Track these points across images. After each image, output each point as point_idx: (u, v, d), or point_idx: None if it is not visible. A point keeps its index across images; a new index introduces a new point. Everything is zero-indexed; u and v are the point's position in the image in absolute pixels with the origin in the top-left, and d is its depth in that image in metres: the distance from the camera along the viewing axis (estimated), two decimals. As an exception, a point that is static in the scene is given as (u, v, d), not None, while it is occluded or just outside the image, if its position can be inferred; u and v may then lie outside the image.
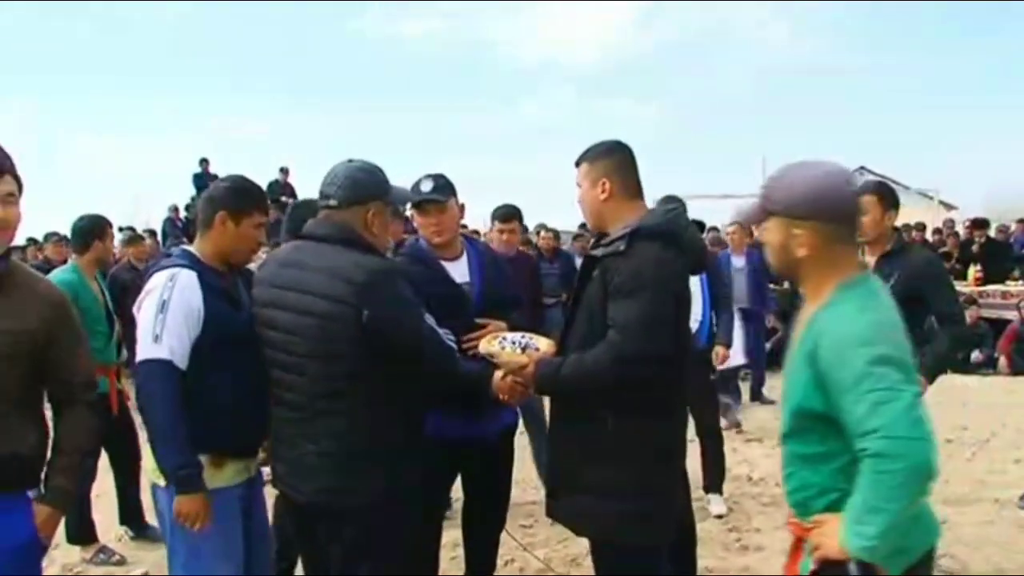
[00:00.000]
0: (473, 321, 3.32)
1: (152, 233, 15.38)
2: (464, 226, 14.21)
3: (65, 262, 5.59)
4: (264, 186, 12.36)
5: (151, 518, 5.34)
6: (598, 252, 2.86)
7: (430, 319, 2.82)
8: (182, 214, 17.09)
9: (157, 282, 2.92)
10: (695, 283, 4.18)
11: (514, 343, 3.02)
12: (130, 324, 5.91)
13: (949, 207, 38.46)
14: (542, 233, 11.46)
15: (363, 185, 2.81)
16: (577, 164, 3.06)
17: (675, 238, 2.85)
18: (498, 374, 3.04)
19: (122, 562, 4.96)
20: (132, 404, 5.62)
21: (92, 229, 5.16)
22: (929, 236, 14.75)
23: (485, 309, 3.44)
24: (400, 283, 2.73)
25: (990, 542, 5.01)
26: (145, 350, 2.83)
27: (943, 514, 5.30)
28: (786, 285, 12.51)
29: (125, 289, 8.61)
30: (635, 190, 3.04)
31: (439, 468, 3.32)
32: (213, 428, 2.85)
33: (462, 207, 3.56)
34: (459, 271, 3.53)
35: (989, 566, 4.67)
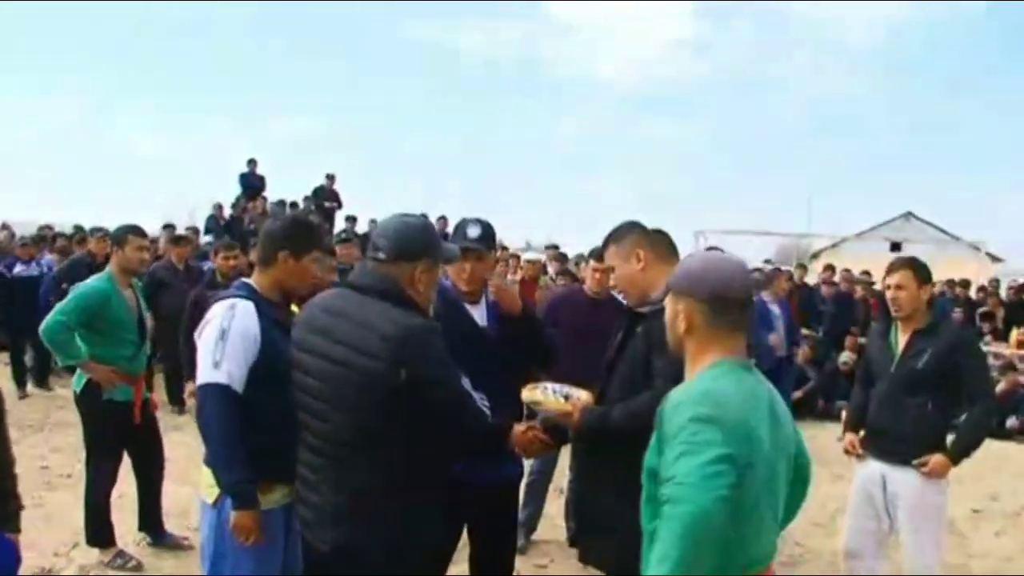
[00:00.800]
0: (494, 366, 3.32)
1: (196, 231, 15.62)
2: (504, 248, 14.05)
3: (108, 258, 5.62)
4: (310, 191, 12.50)
5: (170, 526, 5.43)
6: (645, 310, 3.04)
7: (466, 381, 2.83)
8: (226, 212, 17.24)
9: (217, 311, 3.13)
10: None
11: (555, 392, 3.13)
12: (163, 321, 6.05)
13: (996, 259, 38.07)
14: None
15: (413, 242, 2.82)
16: (604, 248, 3.26)
17: None
18: (519, 428, 3.13)
19: (139, 568, 5.01)
20: (160, 412, 5.77)
21: (114, 239, 5.26)
22: (973, 293, 14.52)
23: (503, 354, 3.47)
24: (437, 342, 2.71)
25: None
26: (205, 375, 3.04)
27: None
28: (819, 333, 12.45)
29: (161, 286, 8.77)
30: (668, 252, 3.19)
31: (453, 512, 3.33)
32: (264, 453, 3.03)
33: (496, 260, 3.59)
34: (479, 315, 3.56)
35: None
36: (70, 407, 5.22)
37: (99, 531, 5.05)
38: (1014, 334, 12.53)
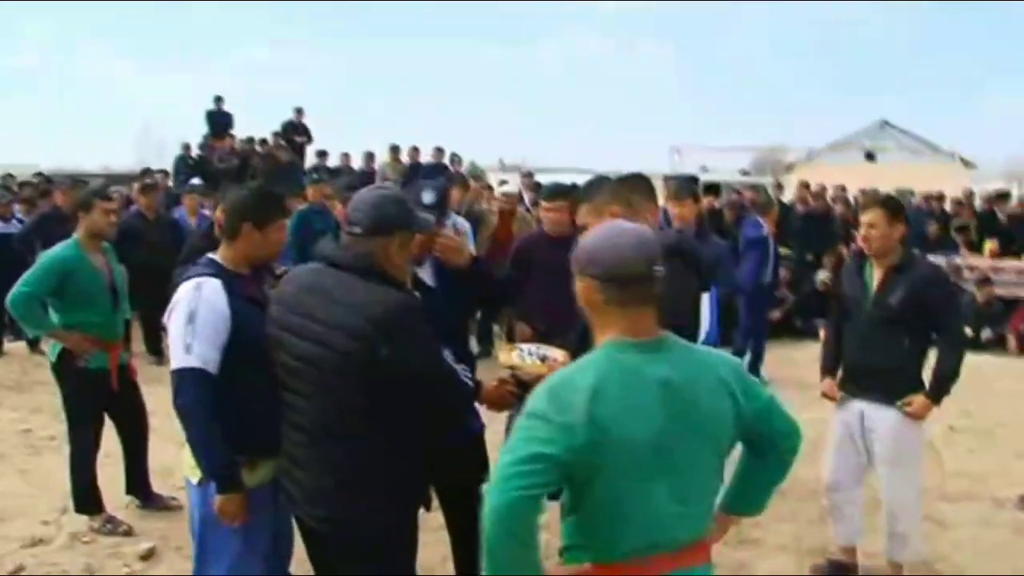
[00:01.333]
0: (445, 322, 3.28)
1: (166, 174, 15.39)
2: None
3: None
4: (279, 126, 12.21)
5: (157, 486, 5.45)
6: None
7: (449, 356, 2.81)
8: (194, 152, 16.97)
9: (183, 293, 3.07)
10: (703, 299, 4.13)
11: (531, 354, 3.12)
12: (137, 273, 5.94)
13: (969, 165, 38.20)
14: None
15: (389, 216, 2.77)
16: (575, 207, 3.18)
17: (684, 255, 3.00)
18: (490, 384, 3.10)
19: (129, 532, 5.03)
20: (138, 362, 5.73)
21: (79, 203, 5.12)
22: (948, 206, 14.58)
23: (450, 311, 3.47)
24: (420, 320, 2.70)
25: (985, 546, 5.03)
26: (178, 359, 3.00)
27: (941, 513, 5.36)
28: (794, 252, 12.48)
29: (132, 239, 8.62)
30: (645, 200, 3.20)
31: None
32: (247, 431, 3.02)
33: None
34: (426, 275, 3.56)
35: (982, 573, 4.69)
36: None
37: (86, 498, 5.06)
38: (987, 246, 12.59)
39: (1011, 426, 7.51)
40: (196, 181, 12.03)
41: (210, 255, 3.27)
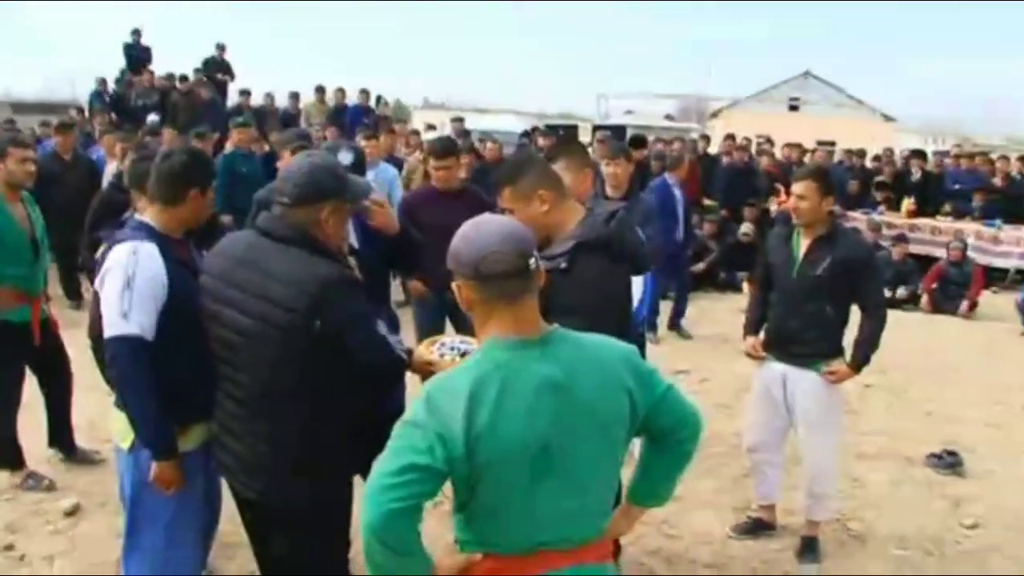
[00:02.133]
0: (367, 287, 3.30)
1: (80, 111, 14.88)
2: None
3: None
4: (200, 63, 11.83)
5: (81, 440, 5.35)
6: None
7: (382, 327, 2.80)
8: (111, 88, 16.39)
9: (119, 257, 2.99)
10: (637, 281, 4.18)
11: (453, 349, 3.03)
12: (54, 215, 5.74)
13: (888, 119, 39.11)
14: (488, 145, 11.30)
15: (319, 184, 2.73)
16: (498, 190, 3.04)
17: (614, 248, 2.97)
18: (419, 354, 3.04)
19: (52, 487, 4.94)
20: (56, 308, 5.57)
21: None
22: (868, 162, 14.93)
23: (374, 273, 3.53)
24: (355, 293, 2.69)
25: (895, 503, 5.26)
26: (114, 326, 2.93)
27: (855, 471, 5.57)
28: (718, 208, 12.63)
29: (48, 181, 8.30)
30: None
31: None
32: (180, 396, 2.99)
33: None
34: (351, 237, 3.54)
35: (890, 529, 4.90)
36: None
37: (6, 453, 4.95)
38: (905, 204, 12.95)
39: (921, 383, 7.82)
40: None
41: (139, 217, 3.18)
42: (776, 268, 4.52)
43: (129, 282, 2.92)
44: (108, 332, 2.95)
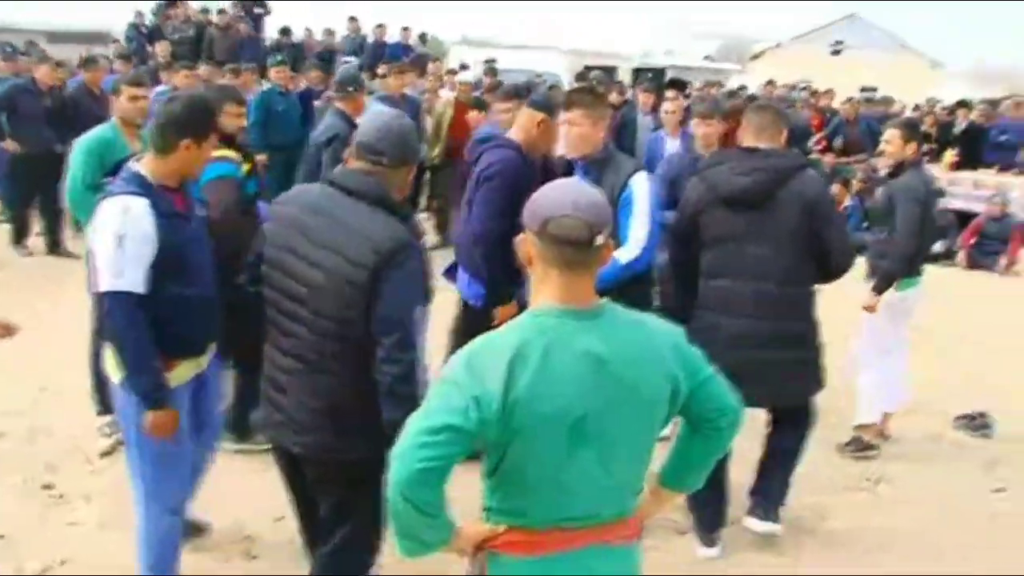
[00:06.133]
0: None
1: (115, 42, 14.86)
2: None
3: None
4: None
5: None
6: None
7: (420, 312, 2.71)
8: (147, 20, 16.32)
9: (110, 214, 3.03)
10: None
11: None
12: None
13: (937, 65, 38.19)
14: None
15: (410, 147, 2.81)
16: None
17: None
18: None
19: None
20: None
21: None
22: (910, 112, 14.60)
23: None
24: (419, 263, 2.70)
25: (925, 463, 5.28)
26: (109, 282, 3.00)
27: (887, 429, 5.53)
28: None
29: (84, 114, 8.30)
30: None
31: None
32: (167, 339, 3.10)
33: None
34: None
35: (917, 490, 4.93)
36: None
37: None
38: (947, 156, 12.65)
39: (960, 344, 7.71)
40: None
41: (133, 166, 3.19)
42: None
43: (121, 240, 2.97)
44: (104, 287, 3.01)
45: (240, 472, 4.38)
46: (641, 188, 3.97)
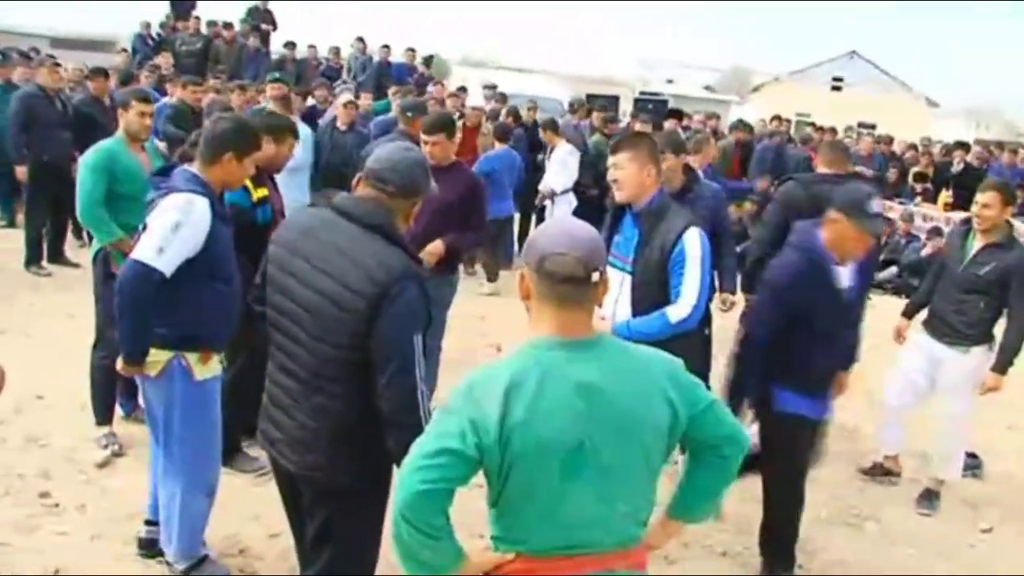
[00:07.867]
0: None
1: (123, 51, 14.93)
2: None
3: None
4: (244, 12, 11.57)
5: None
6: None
7: (418, 342, 2.70)
8: (154, 31, 16.39)
9: (176, 203, 3.37)
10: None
11: None
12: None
13: (932, 104, 38.51)
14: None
15: (418, 180, 2.83)
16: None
17: None
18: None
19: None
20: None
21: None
22: (897, 148, 14.61)
23: None
24: (418, 293, 2.68)
25: (911, 501, 5.30)
26: (147, 255, 3.31)
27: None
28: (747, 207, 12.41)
29: (90, 123, 8.42)
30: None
31: None
32: (205, 331, 3.52)
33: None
34: None
35: (904, 528, 4.97)
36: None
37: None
38: (942, 197, 12.74)
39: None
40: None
41: (190, 168, 3.50)
42: (948, 261, 5.21)
43: (178, 227, 3.31)
44: (140, 256, 3.31)
45: (236, 488, 4.39)
46: (693, 245, 3.85)
